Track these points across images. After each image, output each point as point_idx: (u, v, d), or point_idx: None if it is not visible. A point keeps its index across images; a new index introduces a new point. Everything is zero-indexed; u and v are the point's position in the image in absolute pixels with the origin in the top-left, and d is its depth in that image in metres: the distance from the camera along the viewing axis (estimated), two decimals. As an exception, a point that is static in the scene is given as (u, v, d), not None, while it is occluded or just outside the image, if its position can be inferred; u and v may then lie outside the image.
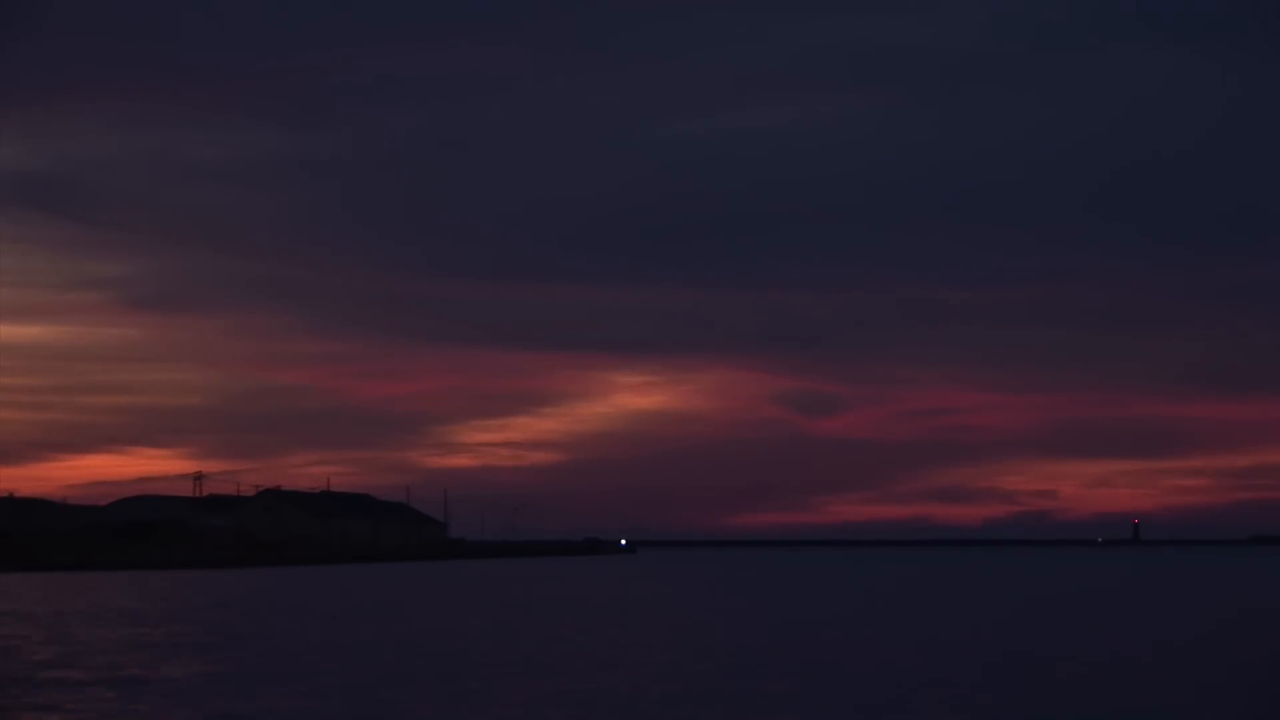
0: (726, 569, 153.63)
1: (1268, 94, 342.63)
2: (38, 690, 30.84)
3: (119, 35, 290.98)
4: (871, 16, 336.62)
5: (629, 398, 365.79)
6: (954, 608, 65.47)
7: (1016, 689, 31.01)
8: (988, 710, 27.55)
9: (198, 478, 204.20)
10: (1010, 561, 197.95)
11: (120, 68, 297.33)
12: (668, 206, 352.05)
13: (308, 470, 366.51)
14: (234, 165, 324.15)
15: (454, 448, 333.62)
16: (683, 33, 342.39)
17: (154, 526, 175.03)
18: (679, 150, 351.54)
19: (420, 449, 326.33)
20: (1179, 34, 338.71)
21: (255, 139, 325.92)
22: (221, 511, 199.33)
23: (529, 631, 48.34)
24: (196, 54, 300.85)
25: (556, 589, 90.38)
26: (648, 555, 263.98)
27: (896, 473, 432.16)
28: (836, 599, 75.44)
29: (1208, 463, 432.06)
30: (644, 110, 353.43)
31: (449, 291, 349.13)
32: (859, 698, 29.21)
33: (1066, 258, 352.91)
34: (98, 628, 49.87)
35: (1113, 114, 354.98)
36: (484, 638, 45.35)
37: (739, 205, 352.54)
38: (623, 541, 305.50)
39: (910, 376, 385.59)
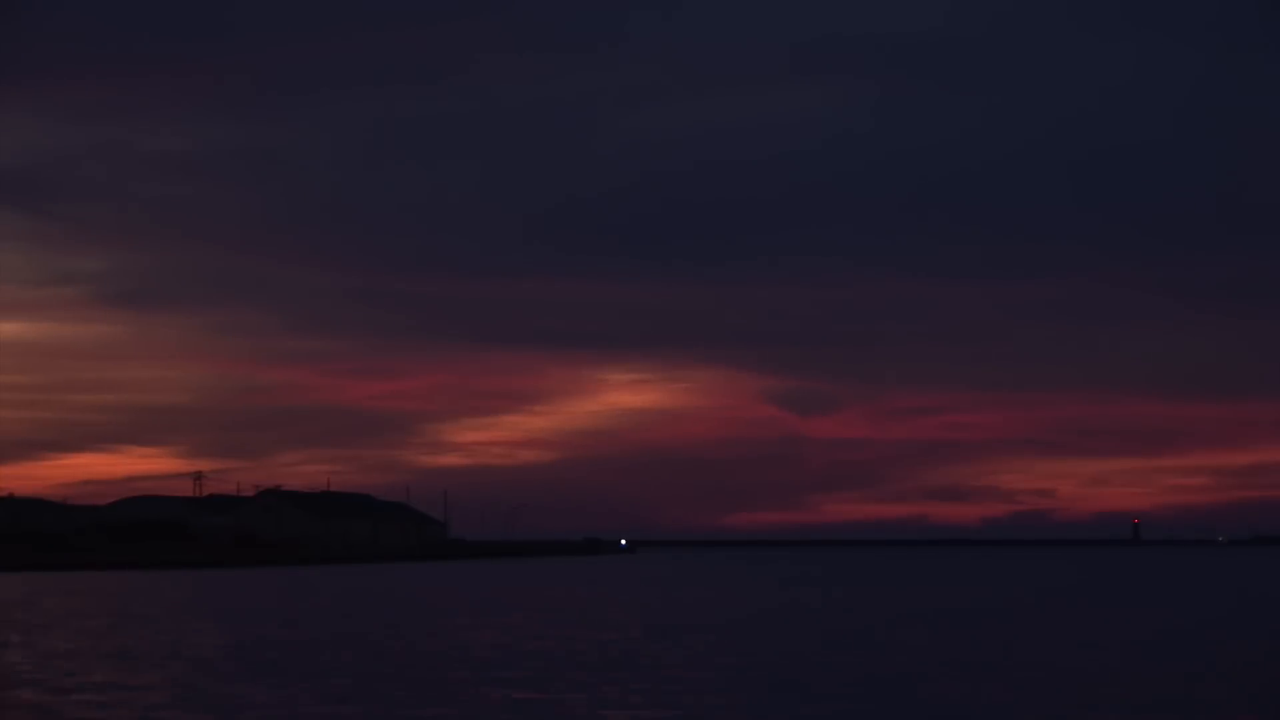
0: (756, 569, 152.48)
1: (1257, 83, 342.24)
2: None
3: (82, 25, 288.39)
4: (852, 6, 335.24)
5: (621, 396, 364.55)
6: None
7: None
8: None
9: (197, 477, 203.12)
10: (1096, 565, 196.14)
11: (83, 58, 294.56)
12: (659, 202, 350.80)
13: (299, 469, 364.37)
14: (203, 157, 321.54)
15: (446, 447, 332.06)
16: (671, 22, 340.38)
17: (154, 526, 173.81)
18: (670, 145, 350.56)
19: (411, 448, 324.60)
20: (1145, 19, 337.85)
21: (223, 130, 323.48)
22: (221, 511, 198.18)
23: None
24: (160, 42, 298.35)
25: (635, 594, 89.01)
26: (647, 555, 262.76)
27: (893, 471, 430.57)
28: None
29: (1206, 461, 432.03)
30: (634, 104, 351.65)
31: (435, 289, 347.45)
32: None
33: (1065, 254, 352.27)
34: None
35: (1114, 103, 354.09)
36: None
37: (731, 201, 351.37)
38: (622, 542, 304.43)
39: (906, 374, 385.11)
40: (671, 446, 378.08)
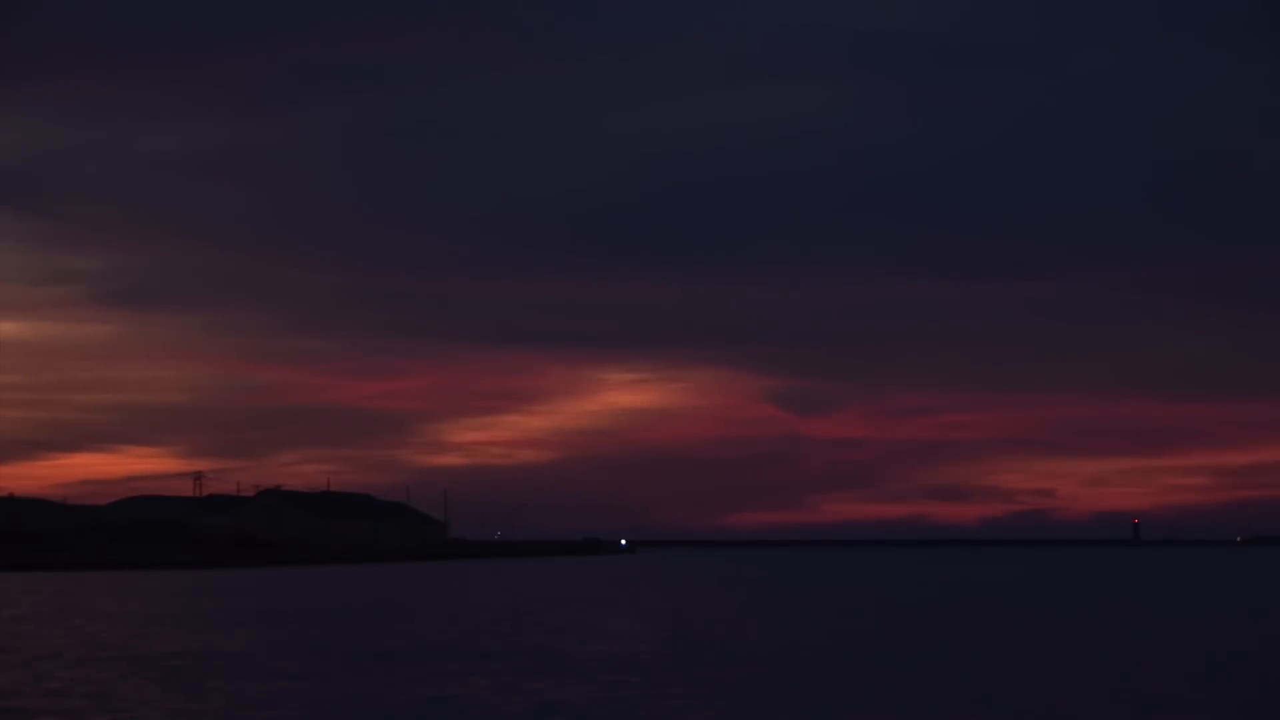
0: (790, 568, 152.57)
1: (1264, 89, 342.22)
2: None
3: (79, 25, 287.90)
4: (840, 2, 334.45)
5: (619, 396, 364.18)
6: None
7: None
8: None
9: (197, 477, 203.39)
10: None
11: (81, 58, 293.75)
12: (658, 202, 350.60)
13: (298, 469, 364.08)
14: (201, 157, 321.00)
15: (445, 447, 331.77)
16: (664, 18, 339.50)
17: (154, 526, 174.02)
18: (670, 144, 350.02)
19: (411, 448, 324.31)
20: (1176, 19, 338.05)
21: (221, 130, 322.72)
22: (221, 511, 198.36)
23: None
24: (157, 42, 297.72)
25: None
26: (647, 555, 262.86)
27: (892, 471, 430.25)
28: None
29: (1206, 461, 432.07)
30: (630, 100, 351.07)
31: (432, 287, 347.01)
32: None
33: (1065, 254, 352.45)
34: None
35: (1112, 105, 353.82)
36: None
37: (730, 201, 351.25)
38: (622, 542, 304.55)
39: (905, 374, 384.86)
40: (671, 446, 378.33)
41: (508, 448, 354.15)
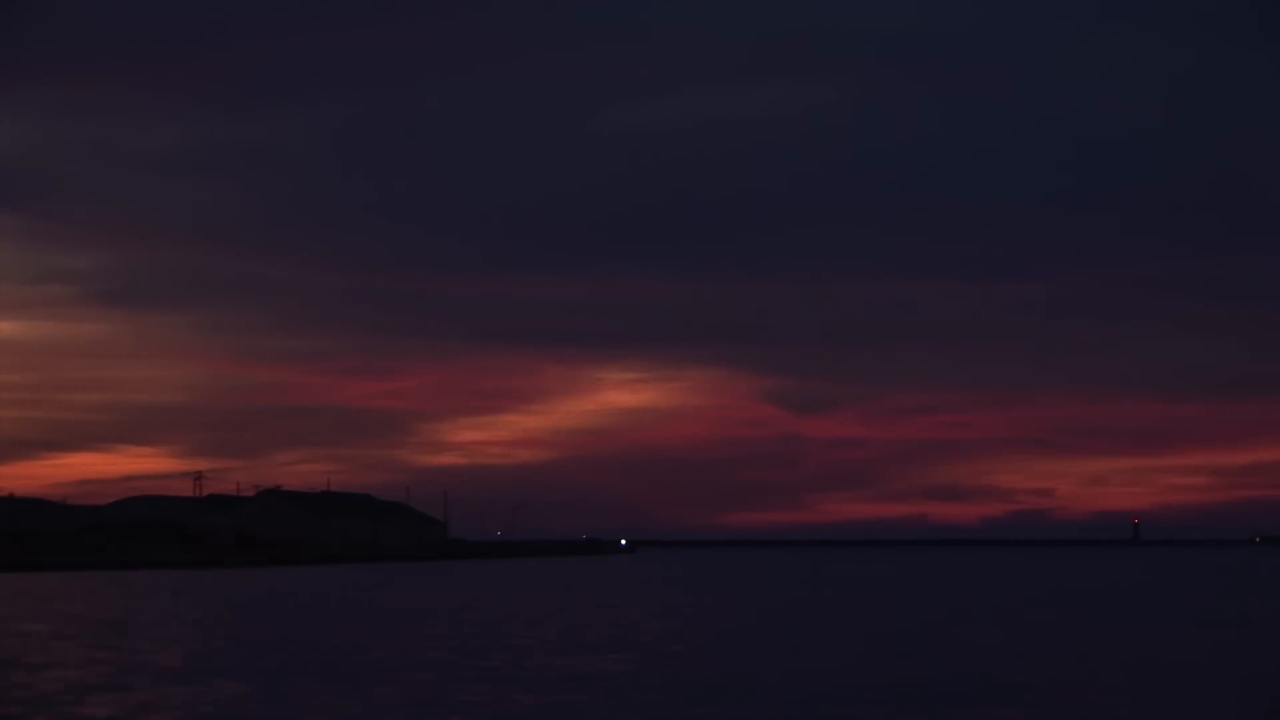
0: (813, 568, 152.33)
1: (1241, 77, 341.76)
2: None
3: (75, 24, 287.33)
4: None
5: (617, 395, 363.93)
6: None
7: None
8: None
9: (197, 477, 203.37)
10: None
11: (76, 56, 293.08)
12: (656, 201, 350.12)
13: (297, 469, 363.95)
14: (198, 155, 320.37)
15: (444, 446, 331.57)
16: (660, 17, 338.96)
17: (154, 526, 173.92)
18: (668, 143, 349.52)
19: (409, 448, 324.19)
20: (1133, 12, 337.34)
21: (218, 128, 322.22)
22: (222, 511, 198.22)
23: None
24: (153, 40, 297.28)
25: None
26: (646, 555, 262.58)
27: (891, 471, 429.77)
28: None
29: (1206, 461, 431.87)
30: (631, 101, 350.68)
31: (432, 287, 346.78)
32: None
33: (1064, 253, 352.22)
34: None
35: (1086, 98, 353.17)
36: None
37: (728, 200, 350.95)
38: (622, 542, 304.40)
39: (904, 374, 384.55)
40: (669, 446, 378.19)
41: (506, 447, 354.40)
